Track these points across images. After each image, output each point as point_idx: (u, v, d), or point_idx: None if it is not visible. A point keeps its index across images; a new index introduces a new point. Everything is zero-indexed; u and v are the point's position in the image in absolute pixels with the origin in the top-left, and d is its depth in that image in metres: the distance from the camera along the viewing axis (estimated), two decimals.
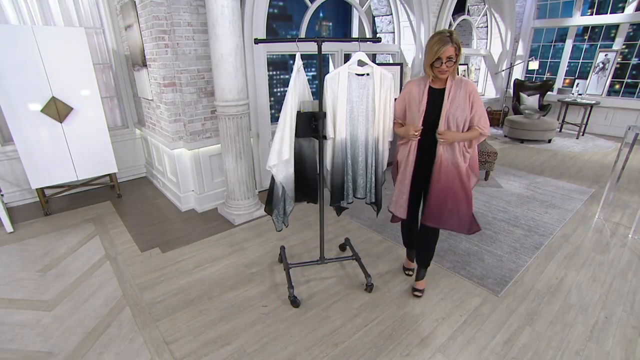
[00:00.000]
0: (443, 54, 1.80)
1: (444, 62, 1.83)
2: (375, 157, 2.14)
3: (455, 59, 1.84)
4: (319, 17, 9.16)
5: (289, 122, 1.93)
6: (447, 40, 1.78)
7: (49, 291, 2.43)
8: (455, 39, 1.80)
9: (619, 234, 3.13)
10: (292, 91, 1.92)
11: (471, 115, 1.95)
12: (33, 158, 3.27)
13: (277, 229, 2.26)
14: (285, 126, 1.93)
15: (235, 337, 2.02)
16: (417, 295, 2.34)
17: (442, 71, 1.86)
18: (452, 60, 1.83)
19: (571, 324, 2.11)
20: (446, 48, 1.79)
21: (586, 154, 5.69)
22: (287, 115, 1.92)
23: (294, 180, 2.10)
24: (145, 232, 3.24)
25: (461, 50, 1.85)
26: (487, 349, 1.94)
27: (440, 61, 1.83)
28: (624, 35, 6.60)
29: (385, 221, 3.32)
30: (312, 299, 2.33)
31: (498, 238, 3.07)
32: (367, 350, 1.93)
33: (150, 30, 3.13)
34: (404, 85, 2.05)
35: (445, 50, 1.79)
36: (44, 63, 3.12)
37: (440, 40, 1.79)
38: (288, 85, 1.98)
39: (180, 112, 3.36)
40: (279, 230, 2.28)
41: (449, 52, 1.80)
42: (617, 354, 1.90)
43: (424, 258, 2.33)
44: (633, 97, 6.75)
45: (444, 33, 1.81)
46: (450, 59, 1.82)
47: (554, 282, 2.50)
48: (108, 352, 1.93)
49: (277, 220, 2.24)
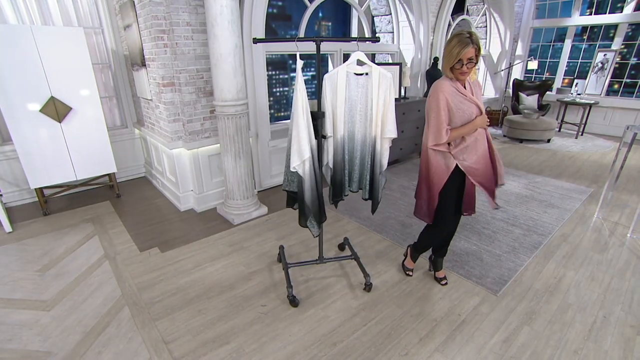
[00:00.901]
0: (464, 56, 1.80)
1: (465, 64, 1.82)
2: (372, 156, 2.15)
3: (476, 60, 1.83)
4: (319, 17, 9.18)
5: (303, 119, 1.92)
6: (467, 41, 1.77)
7: (47, 291, 2.43)
8: (475, 40, 1.80)
9: (618, 234, 3.14)
10: (301, 89, 1.90)
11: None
12: (32, 158, 3.26)
13: (314, 234, 2.24)
14: (300, 125, 1.91)
15: (234, 337, 2.02)
16: (445, 284, 2.47)
17: (463, 72, 1.86)
18: (472, 61, 1.82)
19: (569, 323, 2.11)
20: (467, 50, 1.78)
21: (585, 153, 5.70)
22: (299, 114, 1.90)
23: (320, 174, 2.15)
24: (145, 232, 3.24)
25: (481, 51, 1.85)
26: (485, 348, 1.94)
27: (462, 63, 1.82)
28: (623, 35, 6.61)
29: (384, 221, 3.33)
30: (310, 298, 2.33)
31: (497, 237, 3.08)
32: (366, 349, 1.93)
33: (149, 30, 3.13)
34: (436, 93, 1.92)
35: (467, 52, 1.79)
36: (43, 63, 3.12)
37: (461, 42, 1.78)
38: (287, 85, 1.97)
39: (179, 112, 3.36)
40: (316, 236, 2.28)
41: (470, 53, 1.79)
42: (615, 353, 1.90)
43: (446, 249, 2.47)
44: (632, 96, 6.75)
45: (464, 34, 1.80)
46: (471, 60, 1.81)
47: (553, 281, 2.50)
48: (107, 351, 1.93)
49: (312, 225, 2.22)
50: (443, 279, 2.49)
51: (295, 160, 1.96)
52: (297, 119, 1.91)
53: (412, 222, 3.30)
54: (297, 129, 1.92)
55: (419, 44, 5.42)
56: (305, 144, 1.94)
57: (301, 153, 1.94)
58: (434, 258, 2.51)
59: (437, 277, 2.51)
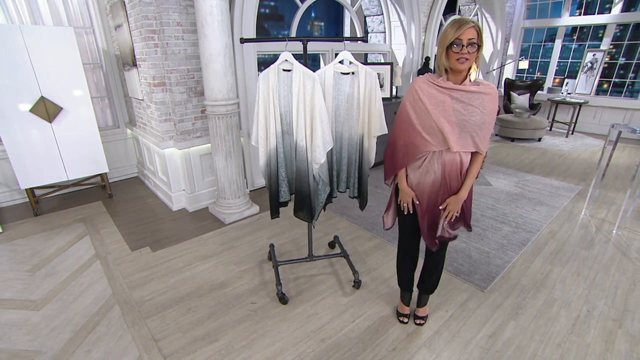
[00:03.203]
0: (464, 35, 1.39)
1: (465, 46, 1.40)
2: (360, 153, 2.17)
3: (478, 48, 1.42)
4: (311, 17, 9.19)
5: (320, 115, 1.93)
6: (466, 20, 1.40)
7: (37, 291, 2.43)
8: (478, 23, 1.42)
9: (604, 230, 3.19)
10: (317, 86, 1.90)
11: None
12: (22, 158, 3.25)
13: (314, 225, 2.31)
14: (323, 122, 1.93)
15: (223, 334, 2.04)
16: (420, 324, 2.10)
17: (462, 57, 1.41)
18: (475, 44, 1.40)
19: (554, 318, 2.15)
20: (466, 28, 1.38)
21: (575, 152, 5.77)
22: (315, 113, 1.93)
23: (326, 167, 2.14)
24: (136, 231, 3.24)
25: (483, 41, 1.44)
26: (471, 343, 1.97)
27: (461, 45, 1.40)
28: (612, 36, 6.70)
29: (375, 219, 3.35)
30: (300, 295, 2.35)
31: (486, 235, 3.12)
32: (354, 345, 1.96)
33: (139, 30, 3.13)
34: (406, 94, 1.65)
35: (466, 32, 1.38)
36: (33, 63, 3.11)
37: (458, 22, 1.40)
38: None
39: (170, 112, 3.37)
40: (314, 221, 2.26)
41: (470, 33, 1.39)
42: (597, 346, 1.94)
43: (430, 283, 2.05)
44: (620, 96, 6.86)
45: (463, 17, 1.44)
46: (473, 42, 1.39)
47: (539, 277, 2.54)
48: (96, 349, 1.94)
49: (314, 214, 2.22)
50: (420, 319, 2.09)
51: (323, 157, 1.97)
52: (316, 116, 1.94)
53: None
54: (319, 125, 1.95)
55: (410, 43, 5.45)
56: (328, 136, 1.96)
57: (326, 146, 1.97)
58: (418, 293, 2.12)
59: (415, 313, 2.12)
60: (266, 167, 2.16)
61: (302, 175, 2.09)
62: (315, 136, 1.92)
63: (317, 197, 2.14)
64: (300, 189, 2.15)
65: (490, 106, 1.51)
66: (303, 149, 2.00)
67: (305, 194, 2.12)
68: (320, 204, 2.16)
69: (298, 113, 1.94)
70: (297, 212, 2.23)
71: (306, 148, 1.99)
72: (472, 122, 1.52)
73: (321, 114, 1.89)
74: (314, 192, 2.10)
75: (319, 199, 2.14)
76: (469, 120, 1.51)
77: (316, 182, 2.08)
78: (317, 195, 2.13)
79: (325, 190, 2.12)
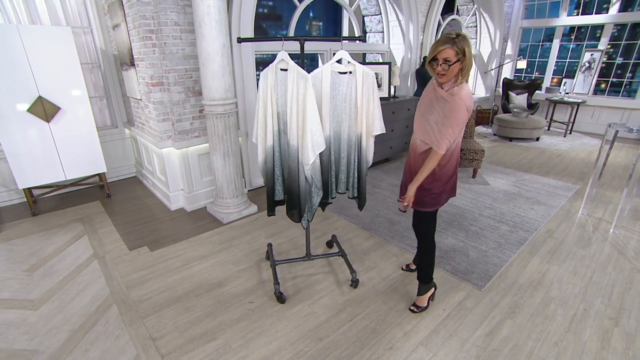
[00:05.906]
0: (440, 54, 1.67)
1: (440, 64, 1.68)
2: (358, 153, 2.18)
3: (453, 64, 1.66)
4: (309, 17, 9.18)
5: (310, 116, 1.92)
6: (448, 40, 1.64)
7: (35, 290, 2.43)
8: (459, 44, 1.63)
9: (601, 229, 3.20)
10: (309, 87, 1.89)
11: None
12: (20, 158, 3.25)
13: (304, 226, 2.26)
14: (313, 123, 1.93)
15: (221, 333, 2.04)
16: (412, 310, 2.21)
17: (437, 72, 1.72)
18: (448, 63, 1.66)
19: (551, 317, 2.16)
20: (444, 48, 1.64)
21: (573, 151, 5.79)
22: (306, 113, 1.92)
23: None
24: (134, 231, 3.24)
25: (465, 58, 1.66)
26: (468, 342, 1.98)
27: (437, 62, 1.69)
28: (609, 35, 6.72)
29: (373, 218, 3.36)
30: (298, 295, 2.36)
31: (483, 234, 3.12)
32: (351, 344, 1.96)
33: (137, 29, 3.13)
34: (460, 102, 1.72)
35: (443, 52, 1.65)
36: (30, 62, 3.11)
37: (441, 40, 1.67)
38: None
39: (168, 112, 3.37)
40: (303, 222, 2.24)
41: (446, 54, 1.64)
42: (594, 344, 1.95)
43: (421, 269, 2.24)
44: (618, 95, 6.88)
45: (450, 34, 1.67)
46: (447, 61, 1.66)
47: (537, 276, 2.55)
48: (94, 349, 1.94)
49: (304, 219, 2.21)
50: (414, 306, 2.22)
51: (312, 157, 1.96)
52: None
53: (400, 220, 3.34)
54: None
55: (408, 43, 5.46)
56: (320, 138, 1.96)
57: (320, 147, 1.97)
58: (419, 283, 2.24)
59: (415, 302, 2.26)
60: (264, 165, 2.17)
61: (292, 175, 2.09)
62: (305, 137, 1.92)
63: (310, 199, 2.13)
64: (290, 189, 2.15)
65: (447, 112, 1.74)
66: (295, 148, 2.01)
67: (295, 193, 2.12)
68: (313, 206, 2.15)
69: (291, 113, 1.95)
70: (288, 211, 2.25)
71: (297, 148, 2.00)
72: (432, 120, 1.81)
73: (312, 115, 1.89)
74: (304, 193, 2.10)
75: (312, 202, 2.14)
76: (429, 118, 1.83)
77: (308, 184, 2.07)
78: (310, 198, 2.13)
79: (318, 194, 2.12)
